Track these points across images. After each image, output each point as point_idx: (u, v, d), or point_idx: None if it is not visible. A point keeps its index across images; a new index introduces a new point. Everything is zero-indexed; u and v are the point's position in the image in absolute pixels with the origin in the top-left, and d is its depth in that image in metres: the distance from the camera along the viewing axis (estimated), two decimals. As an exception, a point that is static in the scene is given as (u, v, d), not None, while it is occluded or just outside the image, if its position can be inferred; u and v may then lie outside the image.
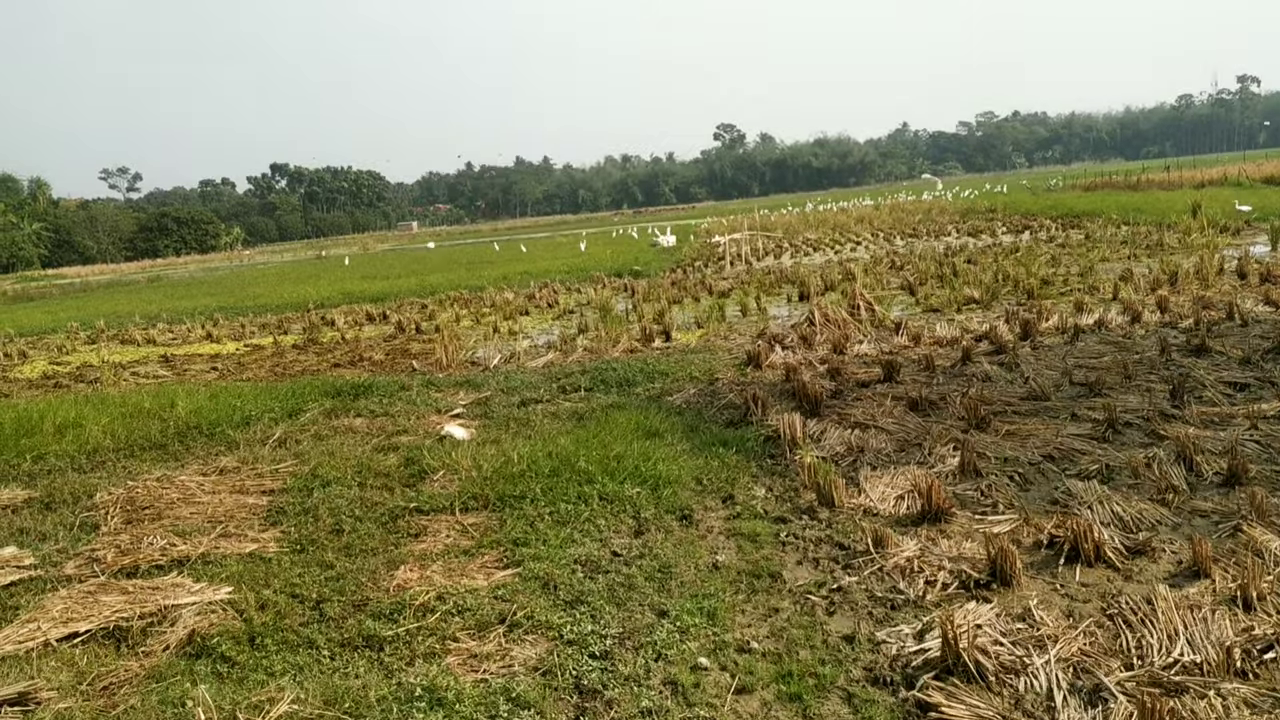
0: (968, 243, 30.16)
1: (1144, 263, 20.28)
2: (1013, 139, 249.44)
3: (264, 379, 15.59)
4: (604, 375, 12.32)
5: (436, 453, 8.78)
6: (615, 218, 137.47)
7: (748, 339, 14.73)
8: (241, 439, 10.14)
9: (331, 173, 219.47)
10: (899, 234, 37.72)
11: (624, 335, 15.54)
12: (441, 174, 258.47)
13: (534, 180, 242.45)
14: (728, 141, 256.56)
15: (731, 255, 32.84)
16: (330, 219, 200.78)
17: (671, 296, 21.81)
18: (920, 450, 7.91)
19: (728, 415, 9.78)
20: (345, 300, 29.97)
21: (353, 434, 10.15)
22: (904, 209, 58.04)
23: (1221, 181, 48.91)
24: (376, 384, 12.67)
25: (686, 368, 12.46)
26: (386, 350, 17.91)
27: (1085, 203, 42.76)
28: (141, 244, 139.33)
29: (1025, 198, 56.89)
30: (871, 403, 9.65)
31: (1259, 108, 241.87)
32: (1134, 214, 33.79)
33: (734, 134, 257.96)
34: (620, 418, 9.25)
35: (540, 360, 14.48)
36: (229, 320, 26.84)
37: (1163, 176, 57.05)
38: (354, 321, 23.37)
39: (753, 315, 18.21)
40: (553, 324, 19.97)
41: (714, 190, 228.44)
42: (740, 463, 7.92)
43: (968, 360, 11.26)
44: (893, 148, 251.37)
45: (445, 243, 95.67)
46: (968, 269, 21.47)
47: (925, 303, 17.19)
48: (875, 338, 13.36)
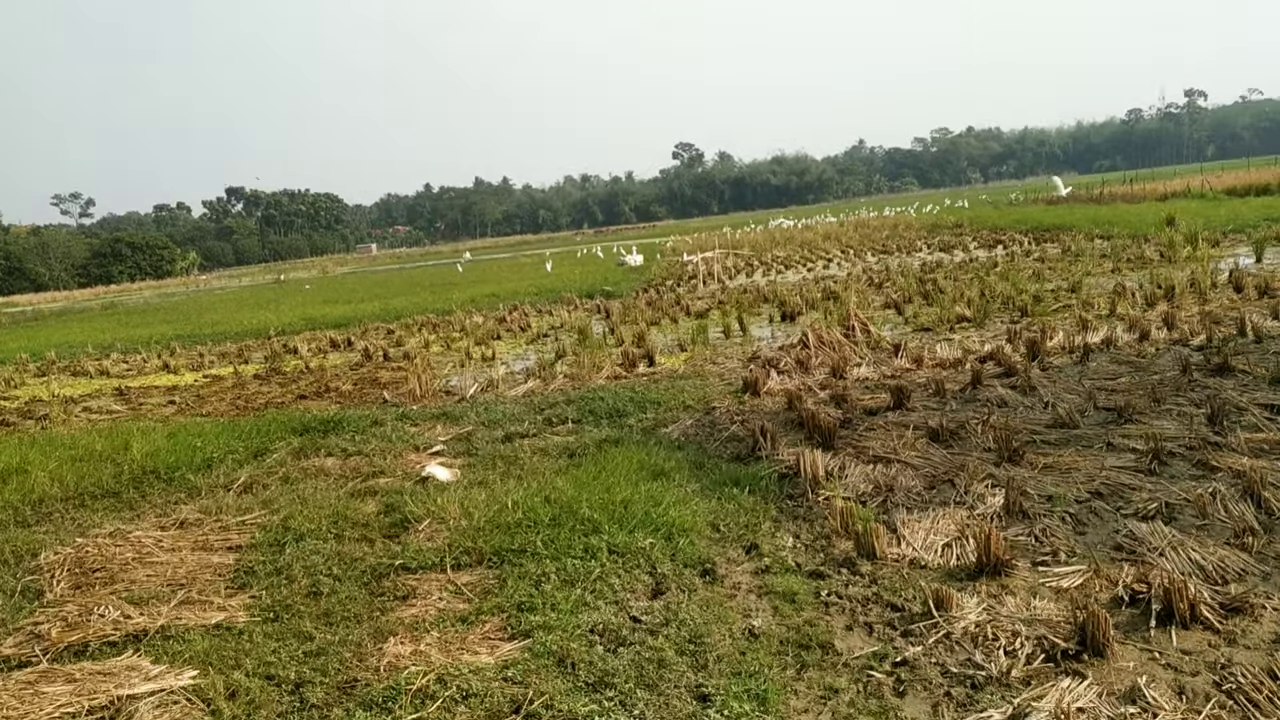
0: (942, 259, 29.73)
1: (1131, 276, 19.85)
2: (968, 154, 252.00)
3: (225, 413, 14.70)
4: (591, 405, 11.58)
5: (419, 498, 7.99)
6: (577, 237, 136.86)
7: (738, 363, 14.06)
8: (203, 484, 9.29)
9: (289, 195, 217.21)
10: (869, 250, 37.32)
11: (605, 360, 14.82)
12: (400, 195, 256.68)
13: (494, 200, 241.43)
14: (686, 160, 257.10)
15: (703, 274, 32.22)
16: (288, 242, 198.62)
17: (648, 318, 21.12)
18: (953, 488, 7.24)
19: (733, 449, 9.07)
20: (307, 326, 29.01)
21: (325, 476, 9.34)
22: (869, 225, 57.85)
23: (1184, 193, 49.07)
24: (347, 418, 11.83)
25: (679, 396, 11.74)
26: (354, 379, 17.06)
27: (1053, 216, 42.61)
28: (95, 270, 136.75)
29: (990, 212, 56.87)
30: (886, 433, 8.99)
31: (1206, 121, 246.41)
32: (1106, 227, 33.59)
33: (692, 153, 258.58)
34: (619, 456, 8.50)
35: (520, 389, 13.71)
36: (186, 349, 25.81)
37: (1125, 189, 57.26)
38: (318, 349, 22.47)
39: (736, 337, 17.55)
40: (527, 348, 19.21)
41: (674, 209, 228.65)
42: (758, 505, 7.21)
43: (978, 384, 10.64)
44: (850, 165, 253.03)
45: (406, 265, 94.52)
46: (951, 285, 20.95)
47: (915, 321, 16.62)
48: (873, 360, 12.73)
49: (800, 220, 79.42)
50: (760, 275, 31.99)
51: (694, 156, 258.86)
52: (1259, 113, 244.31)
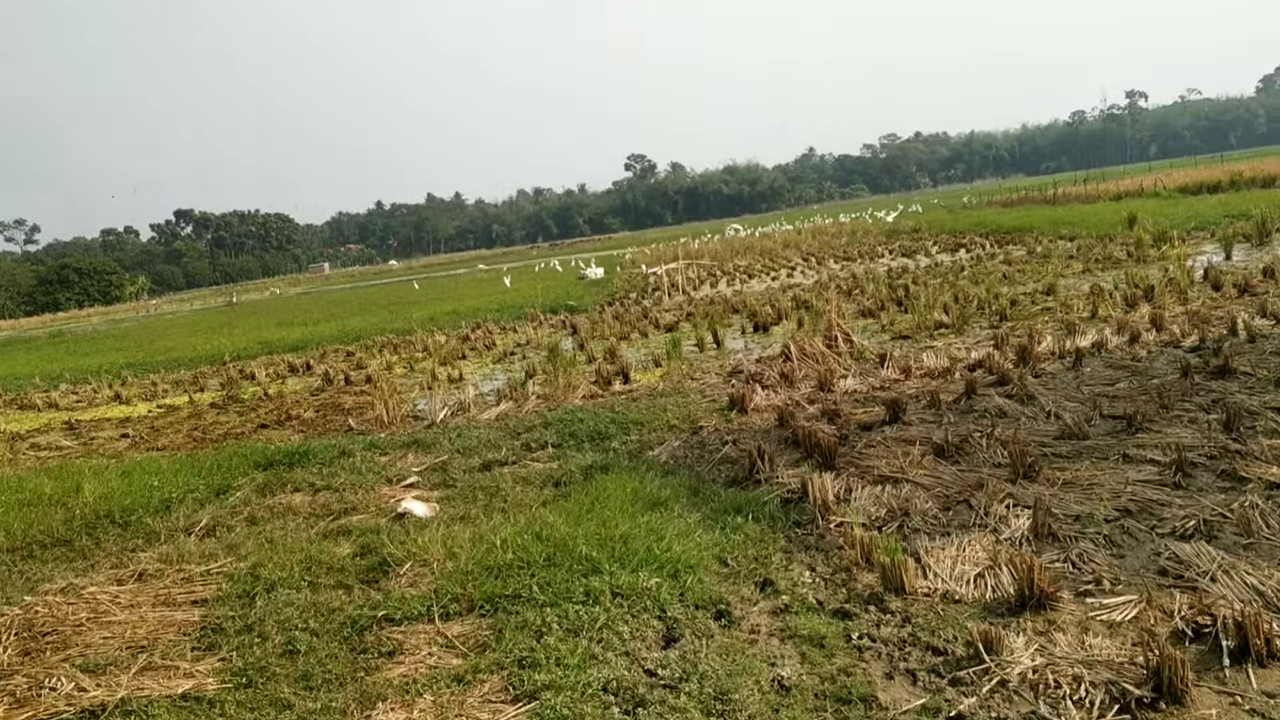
0: (906, 264, 29.52)
1: (1105, 276, 19.67)
2: (916, 159, 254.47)
3: (183, 446, 14.02)
4: (571, 428, 11.05)
5: (398, 537, 7.43)
6: (533, 251, 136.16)
7: (718, 377, 13.61)
8: (162, 529, 8.65)
9: (239, 217, 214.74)
10: (831, 257, 37.14)
11: (579, 379, 14.29)
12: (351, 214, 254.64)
13: (446, 216, 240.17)
14: (639, 171, 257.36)
15: (667, 286, 31.80)
16: (239, 264, 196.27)
17: (617, 333, 20.63)
18: (971, 509, 6.81)
19: (728, 472, 8.60)
20: (263, 350, 28.19)
21: (293, 515, 8.74)
22: (826, 232, 57.78)
23: (1138, 192, 49.46)
24: (313, 449, 11.21)
25: (662, 415, 11.25)
26: (316, 406, 16.41)
27: (1011, 219, 42.69)
28: (41, 298, 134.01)
29: (945, 216, 57.03)
30: (888, 450, 8.55)
31: (1148, 122, 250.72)
32: (1067, 228, 33.61)
33: (645, 164, 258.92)
34: (611, 484, 7.99)
35: (492, 412, 13.16)
36: (139, 378, 24.92)
37: (1079, 190, 57.67)
38: (276, 374, 21.73)
39: (710, 350, 17.11)
40: (495, 368, 18.64)
41: (628, 220, 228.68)
42: (765, 535, 6.73)
43: (973, 394, 10.25)
44: (801, 172, 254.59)
45: (360, 283, 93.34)
46: (923, 291, 20.66)
47: (892, 329, 16.28)
48: (859, 371, 12.32)
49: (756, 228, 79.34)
50: (725, 285, 31.63)
51: (647, 168, 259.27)
52: (1198, 112, 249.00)
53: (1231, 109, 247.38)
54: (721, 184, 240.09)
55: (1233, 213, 30.11)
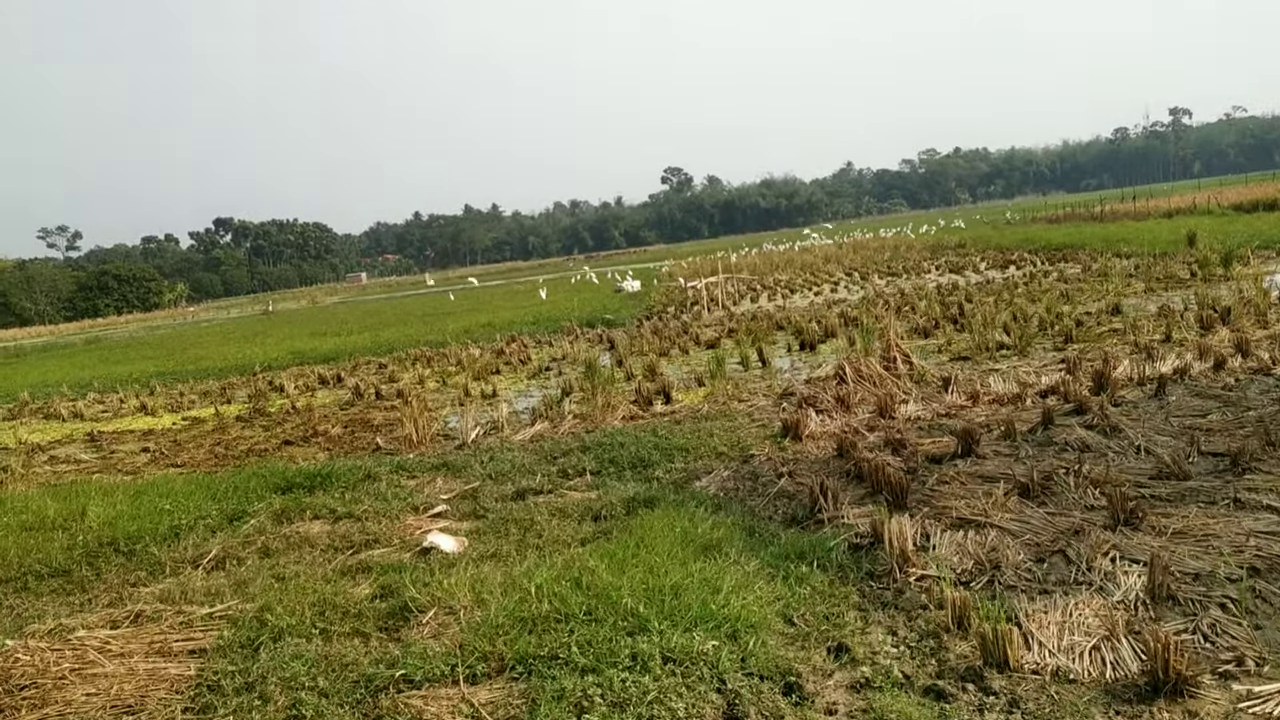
0: (956, 280, 28.58)
1: (1169, 297, 18.70)
2: (955, 175, 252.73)
3: (203, 463, 13.40)
4: (610, 453, 10.30)
5: (421, 578, 6.69)
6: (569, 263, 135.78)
7: (766, 399, 12.81)
8: (168, 560, 7.97)
9: (278, 226, 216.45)
10: (875, 272, 36.21)
11: (618, 398, 13.54)
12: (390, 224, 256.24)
13: (483, 228, 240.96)
14: (675, 185, 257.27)
15: (706, 300, 31.03)
16: (277, 272, 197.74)
17: (657, 349, 19.88)
18: (1069, 562, 5.98)
19: (784, 509, 7.80)
20: (294, 361, 27.70)
21: (310, 547, 8.03)
22: (868, 246, 56.85)
23: (1190, 210, 48.15)
24: (336, 471, 10.52)
25: (708, 440, 10.47)
26: (344, 421, 15.77)
27: (1060, 235, 41.60)
28: (81, 304, 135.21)
29: (989, 232, 55.92)
30: (963, 487, 7.73)
31: (1192, 139, 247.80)
32: (1119, 245, 32.53)
33: (681, 177, 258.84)
34: (656, 523, 7.20)
35: (527, 432, 12.43)
36: (167, 388, 24.45)
37: (1129, 207, 56.34)
38: (305, 386, 21.15)
39: (755, 368, 16.32)
40: (529, 384, 17.95)
41: (663, 233, 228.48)
42: (835, 588, 5.94)
43: (1049, 424, 9.40)
44: (839, 187, 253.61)
45: (396, 294, 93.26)
46: (976, 309, 19.78)
47: (949, 350, 15.43)
48: (921, 396, 11.48)
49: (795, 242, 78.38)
50: (766, 300, 30.81)
51: (683, 181, 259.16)
52: (1243, 130, 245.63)
53: (1277, 127, 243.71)
54: (758, 198, 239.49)
55: (1297, 231, 29.01)
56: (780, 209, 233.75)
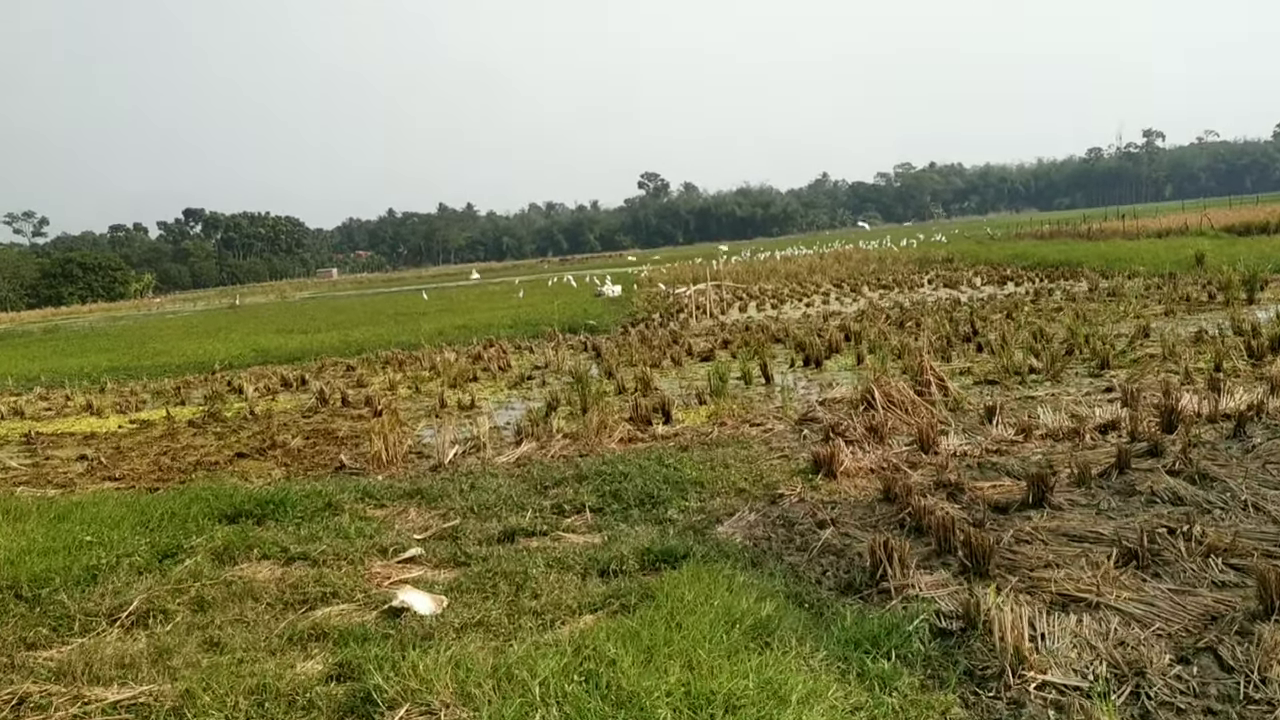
0: (955, 296, 27.43)
1: (1196, 320, 17.55)
2: (931, 189, 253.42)
3: (144, 476, 11.90)
4: (611, 484, 8.91)
5: (390, 655, 5.27)
6: (543, 265, 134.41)
7: (781, 423, 11.43)
8: (79, 611, 6.49)
9: (249, 218, 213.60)
10: (865, 284, 35.02)
11: (613, 416, 12.14)
12: (363, 220, 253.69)
13: (457, 227, 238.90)
14: (652, 190, 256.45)
15: (694, 308, 29.69)
16: (246, 265, 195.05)
17: (647, 359, 18.49)
18: (1227, 669, 4.64)
19: (834, 570, 6.43)
20: (257, 359, 26.14)
21: (254, 599, 6.59)
22: (851, 258, 55.85)
23: (1183, 230, 47.35)
24: (292, 497, 9.07)
25: (724, 473, 9.10)
26: (306, 431, 14.29)
27: (1053, 252, 40.62)
28: (45, 291, 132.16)
29: (974, 247, 55.03)
30: (1046, 548, 6.41)
31: (1164, 161, 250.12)
32: (1119, 265, 31.53)
33: (658, 182, 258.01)
34: (685, 590, 5.79)
35: (512, 453, 11.02)
36: (119, 385, 22.85)
37: (1118, 225, 55.53)
38: (266, 389, 19.60)
39: (758, 385, 14.99)
40: (511, 394, 16.52)
41: (639, 238, 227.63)
42: (929, 694, 4.56)
43: (1125, 468, 8.10)
44: (814, 198, 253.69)
45: (367, 291, 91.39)
46: (989, 328, 18.57)
47: (972, 373, 14.15)
48: (961, 427, 10.17)
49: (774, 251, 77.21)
50: (755, 310, 29.52)
51: (659, 186, 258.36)
52: (1215, 154, 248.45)
53: (1249, 152, 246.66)
54: (734, 206, 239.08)
55: (1305, 255, 28.07)
56: (756, 218, 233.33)
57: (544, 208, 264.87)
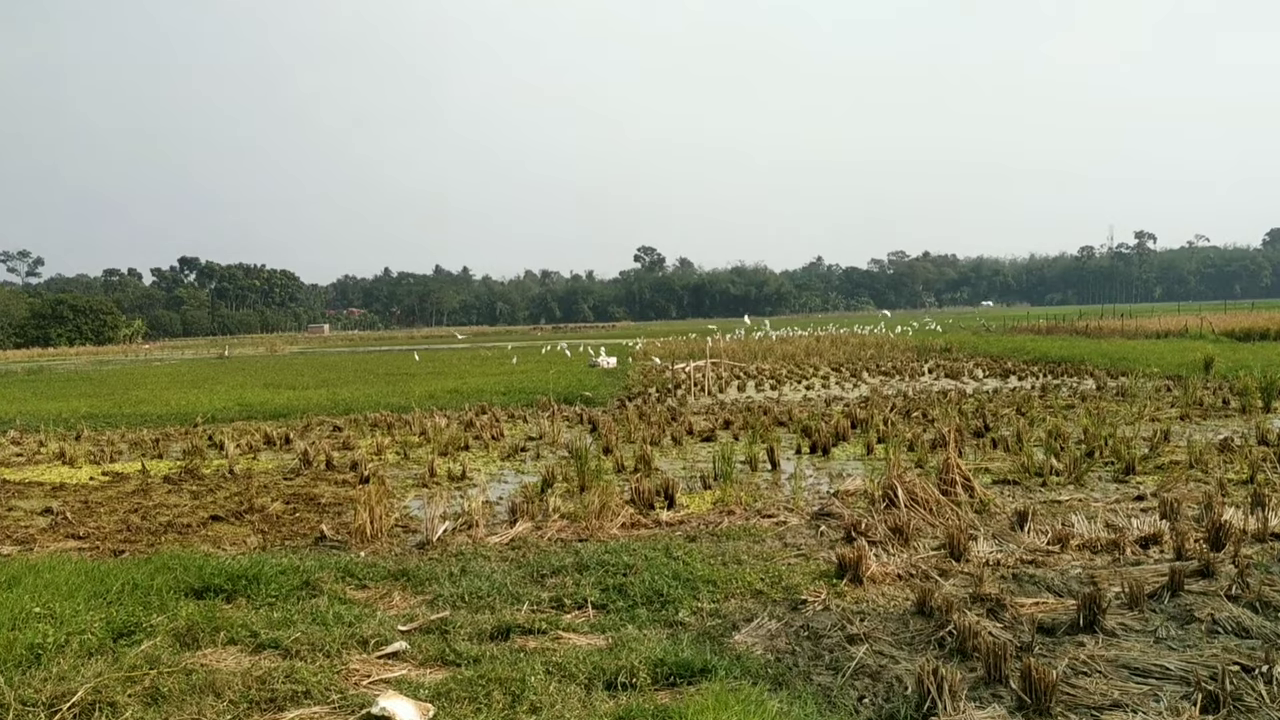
0: (960, 387, 26.88)
1: (1215, 427, 16.99)
2: (923, 278, 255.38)
3: (110, 536, 11.13)
4: (615, 576, 8.19)
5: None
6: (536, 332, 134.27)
7: (794, 515, 10.72)
8: (14, 700, 5.72)
9: (244, 270, 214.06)
10: (865, 370, 34.48)
11: (614, 498, 11.42)
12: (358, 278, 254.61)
13: (452, 289, 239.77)
14: (647, 264, 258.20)
15: (693, 385, 29.07)
16: (239, 316, 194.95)
17: (646, 435, 17.80)
18: None
19: (872, 696, 5.72)
20: (242, 414, 25.34)
21: (214, 696, 5.83)
22: (847, 342, 55.42)
23: (1182, 332, 47.16)
24: (266, 573, 8.32)
25: (737, 570, 8.39)
26: (287, 495, 13.53)
27: (1055, 347, 40.23)
28: (33, 331, 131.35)
29: (971, 338, 54.76)
30: (1106, 681, 5.72)
31: (1155, 263, 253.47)
32: (1124, 363, 31.09)
33: (654, 256, 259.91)
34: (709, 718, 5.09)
35: (505, 533, 10.29)
36: (96, 433, 22.06)
37: (1117, 324, 55.37)
38: (248, 446, 18.82)
39: (764, 470, 14.31)
40: (504, 465, 15.79)
41: (632, 311, 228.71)
42: None
43: (1178, 589, 7.42)
44: (808, 280, 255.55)
45: (359, 348, 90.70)
46: (1001, 424, 17.98)
47: (990, 471, 13.50)
48: (991, 532, 9.48)
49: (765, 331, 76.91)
50: (754, 389, 28.90)
51: (655, 260, 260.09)
52: (1205, 259, 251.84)
53: (1238, 259, 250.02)
54: (729, 283, 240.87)
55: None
56: (749, 297, 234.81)
57: (539, 275, 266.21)
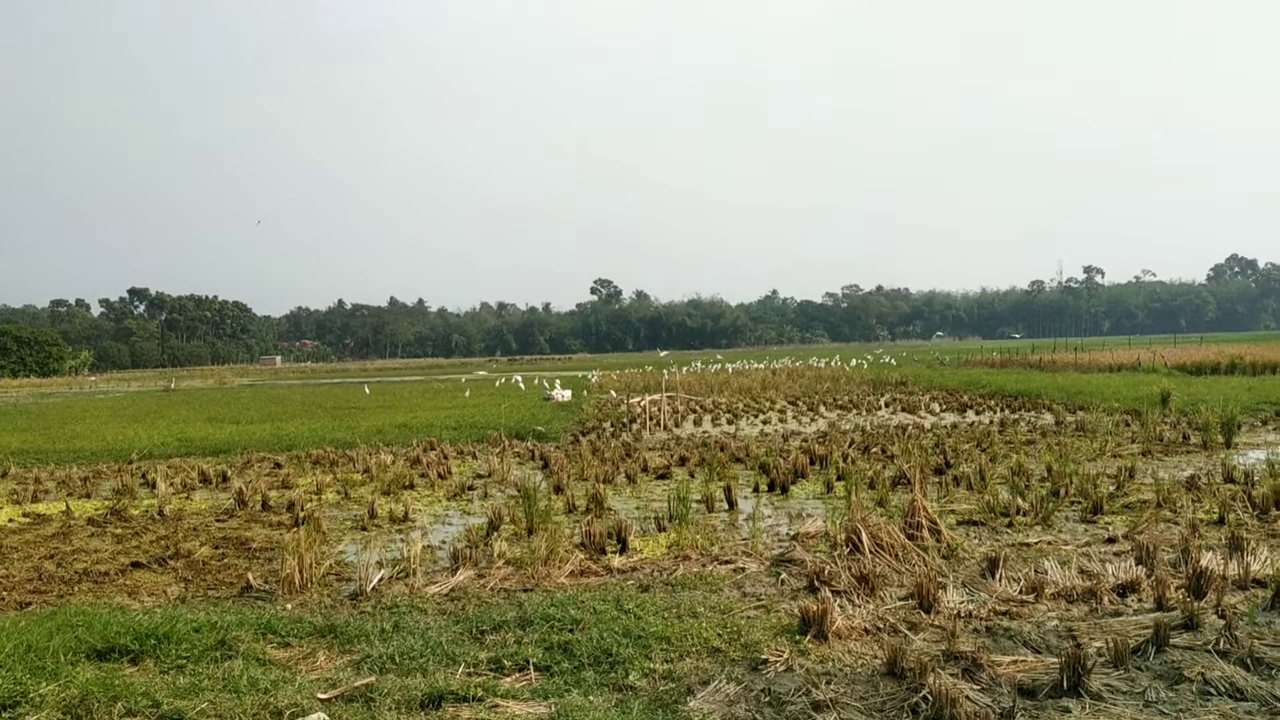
0: (918, 421, 26.55)
1: (1178, 463, 16.71)
2: (877, 312, 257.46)
3: (18, 587, 10.31)
4: (561, 632, 7.57)
5: None
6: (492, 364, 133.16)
7: (753, 561, 10.13)
8: None
9: (195, 301, 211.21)
10: (822, 404, 34.10)
11: (563, 543, 10.80)
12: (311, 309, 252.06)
13: (407, 321, 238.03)
14: (604, 296, 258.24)
15: (648, 419, 28.51)
16: (189, 348, 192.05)
17: (599, 472, 17.17)
18: None
19: (842, 774, 5.15)
20: (180, 450, 24.37)
21: (101, 782, 5.13)
22: (803, 375, 55.24)
23: (1135, 366, 47.37)
24: (179, 631, 7.59)
25: (693, 625, 7.79)
26: (217, 539, 12.74)
27: (1010, 381, 40.16)
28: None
29: (925, 371, 54.81)
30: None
31: (1103, 297, 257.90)
32: (1081, 398, 31.00)
33: (610, 289, 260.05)
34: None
35: (445, 582, 9.62)
36: (23, 470, 21.04)
37: (1070, 358, 55.60)
38: (182, 485, 17.95)
39: (721, 510, 13.75)
40: (449, 506, 15.09)
41: (589, 343, 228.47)
42: None
43: (1163, 645, 6.94)
44: (763, 313, 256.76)
45: (310, 380, 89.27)
46: (961, 460, 17.60)
47: (953, 511, 13.02)
48: (960, 580, 8.97)
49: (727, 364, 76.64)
50: (710, 424, 28.38)
51: (612, 293, 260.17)
52: (1151, 294, 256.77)
53: (1183, 294, 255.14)
54: (685, 316, 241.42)
55: (1268, 399, 27.67)
56: (706, 329, 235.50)
57: (495, 307, 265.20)
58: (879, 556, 9.23)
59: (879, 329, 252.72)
